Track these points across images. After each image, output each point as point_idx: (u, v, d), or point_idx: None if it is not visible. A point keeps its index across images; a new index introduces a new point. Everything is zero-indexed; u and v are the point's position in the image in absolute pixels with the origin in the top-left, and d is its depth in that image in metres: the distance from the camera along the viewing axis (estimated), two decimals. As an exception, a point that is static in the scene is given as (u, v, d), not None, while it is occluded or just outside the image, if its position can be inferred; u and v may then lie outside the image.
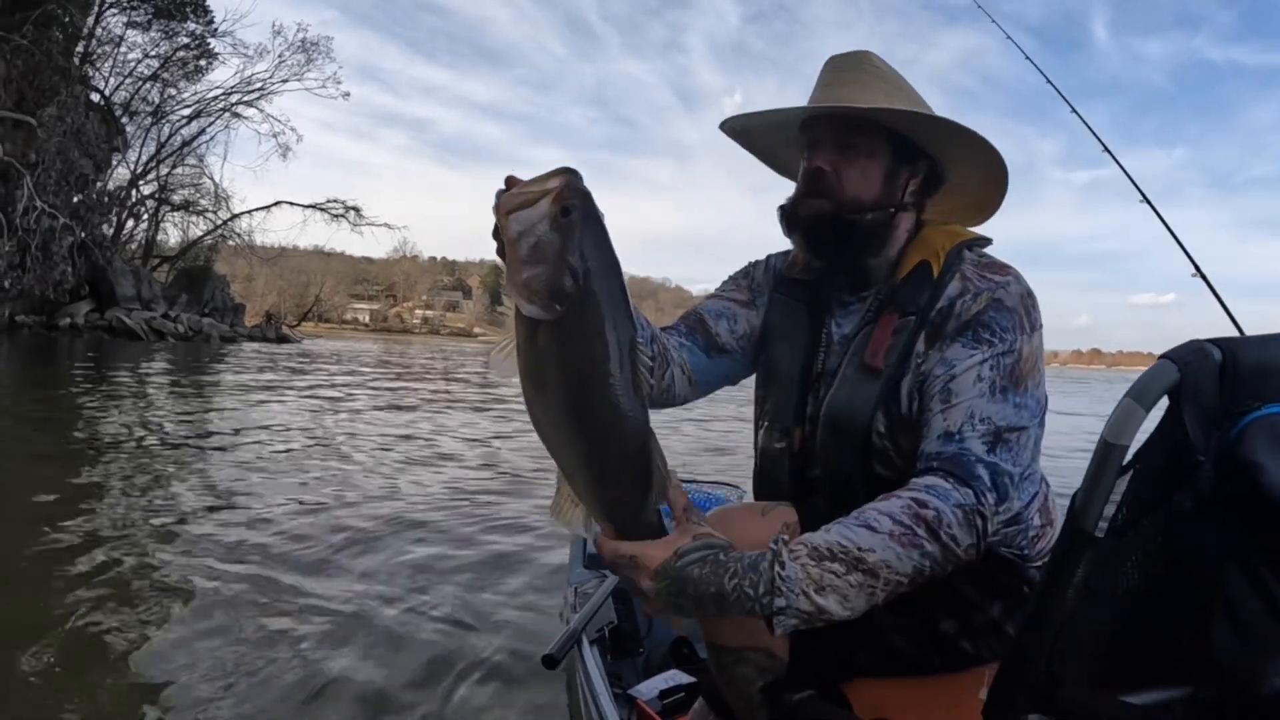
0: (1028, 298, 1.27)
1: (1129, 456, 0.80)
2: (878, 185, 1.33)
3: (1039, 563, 1.33)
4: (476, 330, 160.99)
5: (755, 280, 1.57)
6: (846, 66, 1.37)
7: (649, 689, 1.81)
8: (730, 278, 1.61)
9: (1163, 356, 0.79)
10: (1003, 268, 1.31)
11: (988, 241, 1.39)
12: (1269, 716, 0.77)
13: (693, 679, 1.81)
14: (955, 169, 1.41)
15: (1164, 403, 0.79)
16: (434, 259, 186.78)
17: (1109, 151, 2.50)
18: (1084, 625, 0.84)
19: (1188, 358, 0.78)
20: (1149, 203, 2.31)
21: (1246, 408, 0.77)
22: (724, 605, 1.02)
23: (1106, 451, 0.79)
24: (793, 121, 1.41)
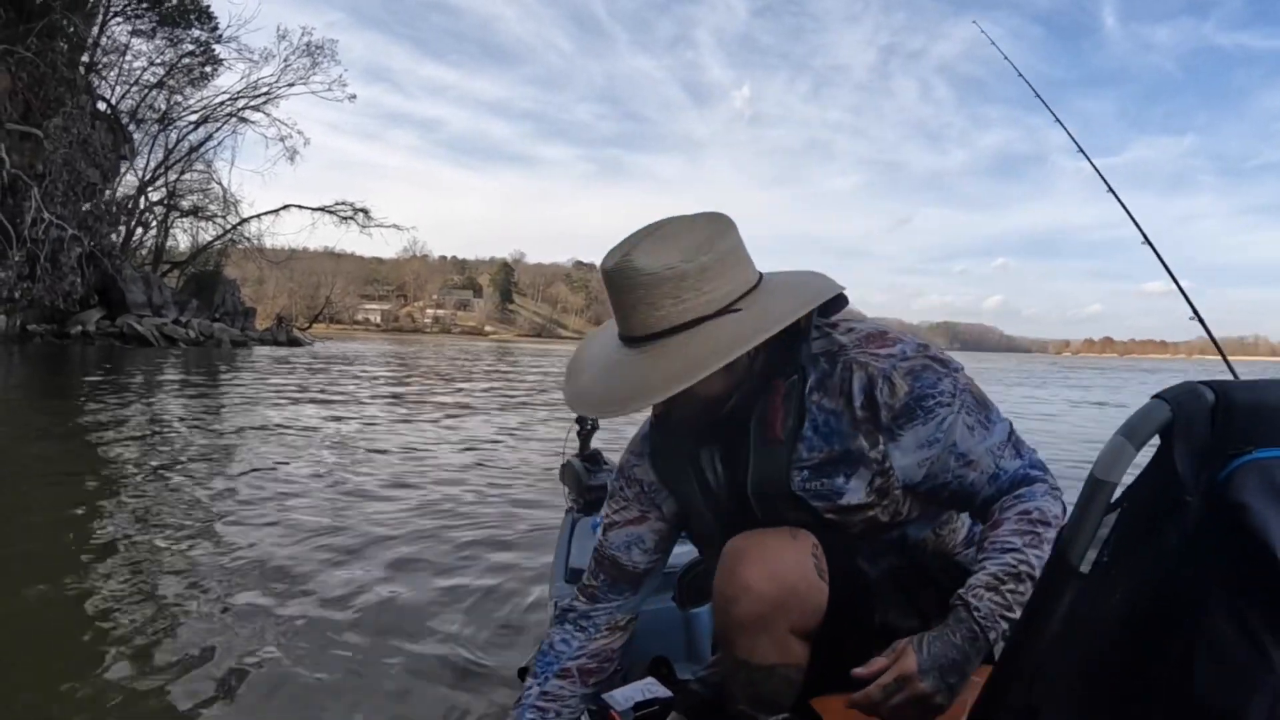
0: (922, 348, 1.30)
1: (1117, 494, 0.80)
2: (723, 379, 1.25)
3: None
4: (487, 328, 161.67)
5: (643, 482, 1.53)
6: (625, 292, 1.22)
7: (624, 698, 1.80)
8: (615, 496, 1.57)
9: (1155, 396, 0.79)
10: (881, 336, 1.33)
11: (842, 300, 1.35)
12: None
13: (669, 693, 1.79)
14: None
15: (1156, 442, 0.79)
16: (444, 258, 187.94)
17: (1087, 157, 2.48)
18: (1065, 657, 0.84)
19: (1181, 398, 0.78)
20: (1147, 239, 2.28)
21: (1237, 450, 0.76)
22: (969, 662, 1.14)
23: (1095, 488, 0.80)
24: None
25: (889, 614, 1.32)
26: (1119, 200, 2.38)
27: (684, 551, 1.88)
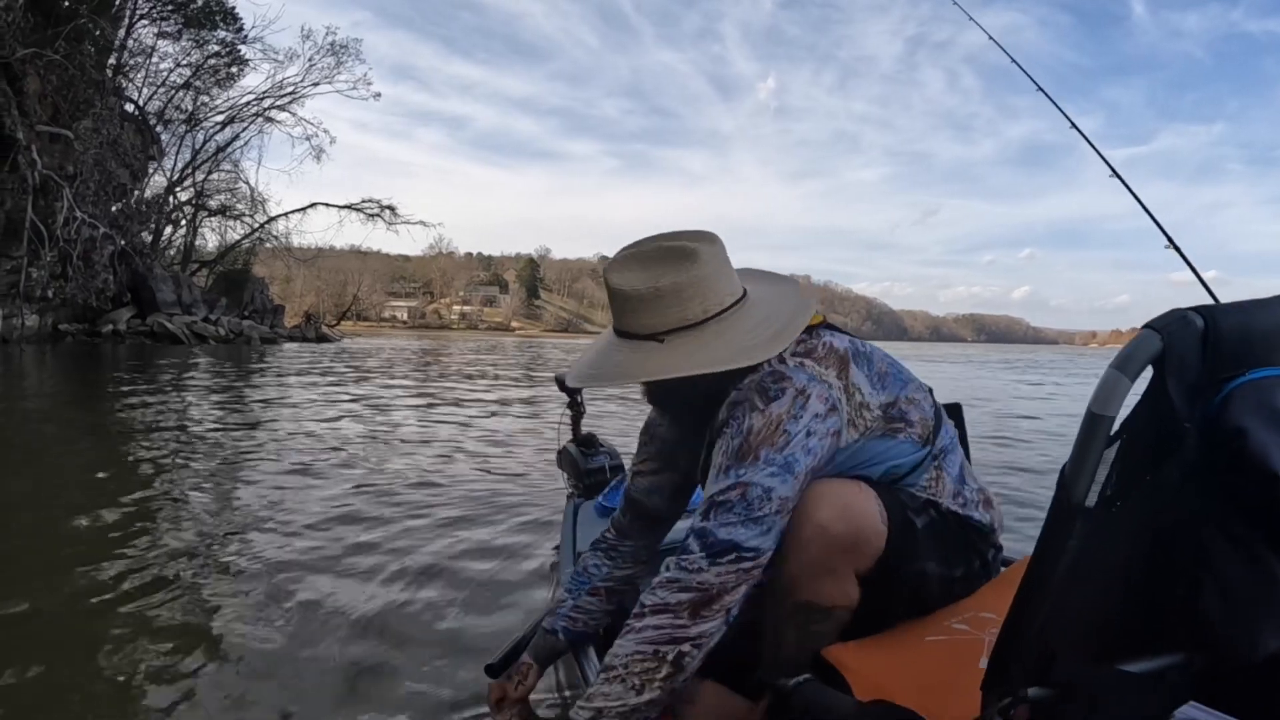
0: (766, 378, 1.35)
1: (1115, 427, 0.80)
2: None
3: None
4: (514, 324, 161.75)
5: (664, 439, 1.71)
6: (641, 293, 1.42)
7: None
8: (641, 448, 1.76)
9: (1145, 326, 0.79)
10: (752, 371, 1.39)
11: (814, 324, 1.48)
12: (1261, 680, 0.80)
13: None
14: None
15: (1149, 373, 0.79)
16: (470, 254, 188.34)
17: (1100, 154, 2.47)
18: (1077, 596, 0.85)
19: (1170, 326, 0.78)
20: (1127, 188, 2.26)
21: (1230, 374, 0.77)
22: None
23: (1093, 422, 0.80)
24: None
25: (926, 563, 1.41)
26: (1119, 177, 2.35)
27: (683, 528, 1.90)
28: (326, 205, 42.23)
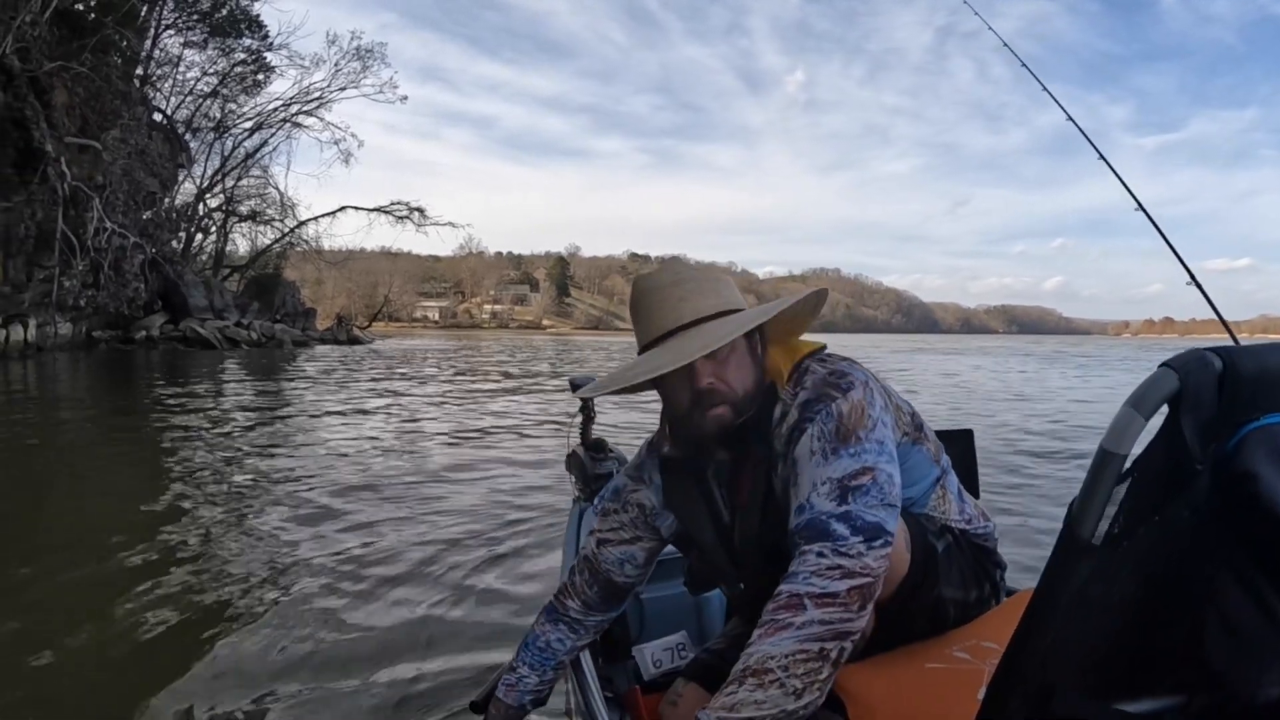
0: (831, 375, 1.34)
1: (1127, 465, 0.78)
2: (750, 369, 1.39)
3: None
4: (545, 322, 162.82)
5: (643, 506, 1.62)
6: (667, 284, 1.40)
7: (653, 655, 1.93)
8: (610, 515, 1.66)
9: (1163, 365, 0.77)
10: (808, 373, 1.38)
11: (822, 348, 1.46)
12: None
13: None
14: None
15: (1164, 411, 0.77)
16: (500, 254, 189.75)
17: (1106, 160, 2.40)
18: (1079, 633, 0.83)
19: (1188, 366, 0.76)
20: (1145, 212, 2.19)
21: (1246, 418, 0.75)
22: None
23: (1104, 460, 0.78)
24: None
25: (945, 588, 1.39)
26: (1116, 174, 2.27)
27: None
28: (356, 208, 42.71)
